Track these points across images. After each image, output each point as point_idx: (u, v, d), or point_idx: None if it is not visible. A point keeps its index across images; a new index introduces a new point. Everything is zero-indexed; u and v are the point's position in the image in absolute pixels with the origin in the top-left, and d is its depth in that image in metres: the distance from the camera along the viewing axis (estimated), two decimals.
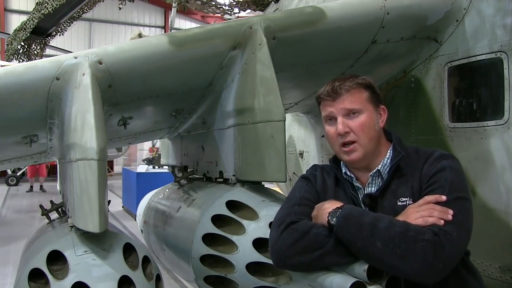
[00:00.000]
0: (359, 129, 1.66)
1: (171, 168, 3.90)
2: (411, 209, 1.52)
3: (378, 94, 1.76)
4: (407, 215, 1.50)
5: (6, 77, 2.02)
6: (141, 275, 1.96)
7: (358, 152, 1.67)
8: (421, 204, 1.52)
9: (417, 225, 1.45)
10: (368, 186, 1.72)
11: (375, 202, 1.67)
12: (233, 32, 2.34)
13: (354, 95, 1.68)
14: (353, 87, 1.69)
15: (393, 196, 1.65)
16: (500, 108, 2.34)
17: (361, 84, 1.71)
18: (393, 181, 1.67)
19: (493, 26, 2.40)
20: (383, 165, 1.71)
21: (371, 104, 1.71)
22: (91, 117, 1.89)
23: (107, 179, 1.98)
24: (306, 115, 4.18)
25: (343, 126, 1.67)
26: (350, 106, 1.67)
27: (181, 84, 2.56)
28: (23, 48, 14.15)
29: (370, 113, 1.69)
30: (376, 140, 1.71)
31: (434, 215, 1.46)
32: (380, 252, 1.43)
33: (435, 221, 1.44)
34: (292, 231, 1.61)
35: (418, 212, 1.49)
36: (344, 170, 1.77)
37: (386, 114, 1.76)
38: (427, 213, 1.47)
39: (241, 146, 2.43)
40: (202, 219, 2.34)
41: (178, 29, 17.56)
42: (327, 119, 1.74)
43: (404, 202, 1.61)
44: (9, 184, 17.77)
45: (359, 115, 1.67)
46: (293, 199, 1.77)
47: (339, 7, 2.45)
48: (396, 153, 1.71)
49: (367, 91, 1.71)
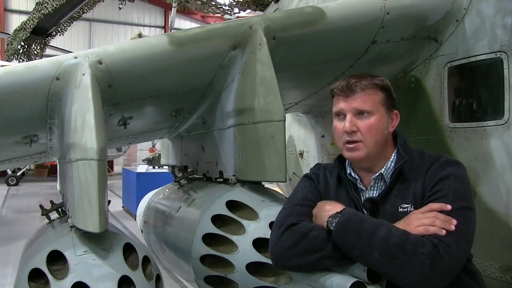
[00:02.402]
0: (366, 131, 1.63)
1: (171, 168, 3.90)
2: (414, 215, 1.51)
3: (394, 98, 1.72)
4: (409, 222, 1.49)
5: (6, 77, 2.02)
6: (141, 275, 1.96)
7: (360, 152, 1.65)
8: (424, 211, 1.50)
9: (417, 236, 1.43)
10: (370, 190, 1.70)
11: (376, 207, 1.65)
12: (233, 32, 2.34)
13: (368, 95, 1.64)
14: (368, 87, 1.65)
15: (395, 201, 1.62)
16: (500, 108, 2.34)
17: (378, 85, 1.66)
18: (396, 185, 1.65)
19: (493, 26, 2.40)
20: (386, 169, 1.68)
21: (383, 107, 1.67)
22: (91, 117, 1.89)
23: (107, 179, 1.98)
24: (306, 115, 4.18)
25: (351, 124, 1.64)
26: (361, 106, 1.64)
27: (181, 84, 2.56)
28: (23, 48, 14.16)
29: (381, 116, 1.66)
30: (382, 144, 1.68)
31: (436, 224, 1.44)
32: (377, 262, 1.43)
33: (436, 231, 1.43)
34: (291, 233, 1.60)
35: (420, 219, 1.47)
36: (349, 171, 1.74)
37: (398, 120, 1.73)
38: (429, 221, 1.45)
39: (241, 146, 2.43)
40: (202, 219, 2.34)
41: (178, 29, 17.55)
42: (337, 114, 1.71)
43: (405, 209, 1.59)
44: (9, 184, 17.78)
45: (369, 116, 1.64)
46: (295, 199, 1.77)
47: (339, 7, 2.45)
48: (399, 157, 1.69)
49: (382, 93, 1.67)
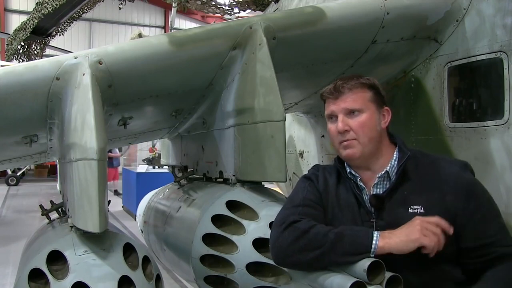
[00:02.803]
0: (359, 128, 1.66)
1: (171, 168, 3.90)
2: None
3: (383, 96, 1.75)
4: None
5: (6, 77, 2.02)
6: (141, 275, 1.96)
7: (355, 149, 1.67)
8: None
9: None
10: (374, 187, 1.71)
11: (381, 203, 1.66)
12: (233, 32, 2.34)
13: (356, 94, 1.68)
14: (355, 86, 1.69)
15: (404, 202, 1.64)
16: (500, 108, 2.34)
17: (365, 84, 1.71)
18: (403, 185, 1.66)
19: (493, 26, 2.39)
20: (391, 167, 1.70)
21: (373, 104, 1.70)
22: (91, 117, 1.89)
23: (107, 179, 1.98)
24: (306, 115, 4.18)
25: (343, 124, 1.67)
26: (351, 105, 1.68)
27: (181, 84, 2.56)
28: (23, 48, 14.16)
29: (372, 113, 1.69)
30: (376, 141, 1.70)
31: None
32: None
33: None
34: (293, 229, 1.62)
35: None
36: (349, 170, 1.77)
37: (390, 116, 1.76)
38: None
39: (241, 146, 2.43)
40: (202, 219, 2.34)
41: (178, 29, 17.55)
42: (329, 117, 1.75)
43: (415, 210, 1.61)
44: (9, 184, 17.77)
45: (360, 114, 1.67)
46: (296, 200, 1.77)
47: (339, 7, 2.45)
48: (402, 154, 1.71)
49: (370, 91, 1.71)
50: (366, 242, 1.50)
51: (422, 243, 1.47)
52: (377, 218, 1.66)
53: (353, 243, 1.52)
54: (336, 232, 1.56)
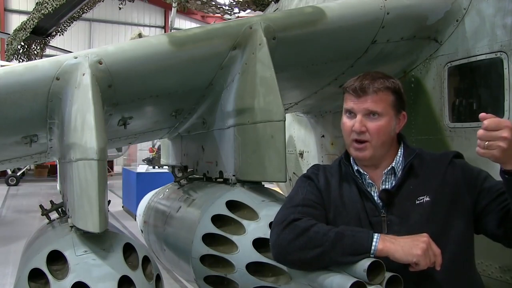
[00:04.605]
0: (375, 132, 1.67)
1: (171, 168, 3.90)
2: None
3: (404, 101, 1.76)
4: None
5: (6, 77, 2.02)
6: (141, 275, 1.96)
7: (367, 152, 1.69)
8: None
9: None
10: (382, 184, 1.74)
11: (392, 198, 1.69)
12: (233, 32, 2.34)
13: (380, 97, 1.68)
14: (381, 90, 1.68)
15: (410, 196, 1.67)
16: (500, 108, 2.34)
17: (390, 88, 1.70)
18: (408, 180, 1.70)
19: (493, 26, 2.39)
20: (396, 163, 1.74)
21: (393, 110, 1.71)
22: (91, 117, 1.89)
23: (107, 179, 1.98)
24: (306, 115, 4.18)
25: (360, 125, 1.68)
26: (372, 108, 1.67)
27: (181, 84, 2.56)
28: (23, 48, 14.18)
29: (390, 118, 1.70)
30: (388, 144, 1.73)
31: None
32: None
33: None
34: (294, 227, 1.62)
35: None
36: (357, 168, 1.78)
37: (405, 121, 1.78)
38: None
39: (241, 146, 2.43)
40: (202, 219, 2.34)
41: (178, 29, 17.55)
42: (347, 111, 1.74)
43: (421, 200, 1.65)
44: (9, 184, 17.78)
45: (379, 118, 1.68)
46: (296, 199, 1.77)
47: (339, 7, 2.45)
48: (408, 151, 1.75)
49: (393, 96, 1.71)
50: (366, 243, 1.51)
51: (419, 262, 1.46)
52: (387, 213, 1.68)
53: (353, 243, 1.52)
54: (336, 231, 1.57)
